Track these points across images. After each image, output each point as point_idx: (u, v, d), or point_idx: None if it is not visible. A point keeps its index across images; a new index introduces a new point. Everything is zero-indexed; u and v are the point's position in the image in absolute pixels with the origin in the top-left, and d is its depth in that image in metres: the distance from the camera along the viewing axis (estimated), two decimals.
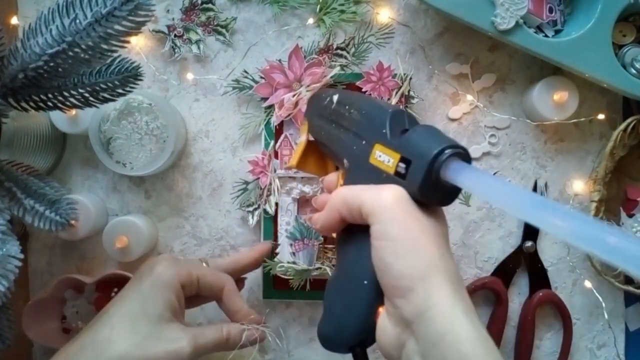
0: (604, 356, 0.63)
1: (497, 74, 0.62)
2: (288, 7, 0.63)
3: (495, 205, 0.61)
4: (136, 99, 0.57)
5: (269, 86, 0.61)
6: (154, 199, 0.64)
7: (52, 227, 0.49)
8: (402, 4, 0.63)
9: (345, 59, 0.62)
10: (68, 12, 0.41)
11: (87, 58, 0.42)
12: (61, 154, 0.64)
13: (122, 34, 0.42)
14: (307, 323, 0.64)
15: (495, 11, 0.56)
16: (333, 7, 0.62)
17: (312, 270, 0.59)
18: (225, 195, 0.64)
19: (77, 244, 0.64)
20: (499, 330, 0.62)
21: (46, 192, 0.51)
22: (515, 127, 0.63)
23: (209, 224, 0.64)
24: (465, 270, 0.63)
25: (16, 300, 0.61)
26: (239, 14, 0.63)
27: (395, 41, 0.63)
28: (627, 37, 0.59)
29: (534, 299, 0.61)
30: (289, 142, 0.61)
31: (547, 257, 0.63)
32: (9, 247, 0.42)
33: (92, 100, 0.48)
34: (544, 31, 0.60)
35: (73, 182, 0.64)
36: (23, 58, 0.42)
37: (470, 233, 0.63)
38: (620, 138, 0.59)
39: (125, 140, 0.58)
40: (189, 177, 0.64)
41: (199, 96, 0.64)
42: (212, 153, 0.64)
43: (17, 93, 0.45)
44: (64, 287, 0.61)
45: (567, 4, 0.60)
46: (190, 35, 0.63)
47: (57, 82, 0.45)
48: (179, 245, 0.64)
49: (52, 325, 0.61)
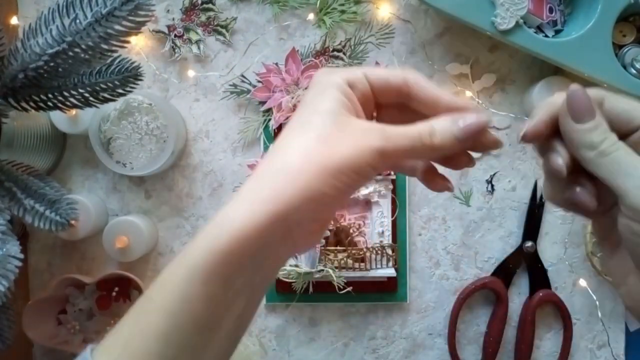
0: (604, 356, 0.63)
1: (497, 74, 0.62)
2: (288, 7, 0.63)
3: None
4: (136, 99, 0.57)
5: (267, 90, 0.61)
6: (154, 199, 0.64)
7: (52, 227, 0.49)
8: (402, 4, 0.63)
9: (342, 60, 0.62)
10: (68, 12, 0.41)
11: (87, 58, 0.42)
12: (61, 154, 0.64)
13: (122, 34, 0.42)
14: (307, 323, 0.64)
15: (495, 11, 0.56)
16: (333, 7, 0.62)
17: (315, 272, 0.59)
18: (225, 195, 0.64)
19: (77, 244, 0.64)
20: (499, 330, 0.62)
21: (46, 192, 0.51)
22: (515, 127, 0.63)
23: None
24: (465, 270, 0.63)
25: (16, 300, 0.61)
26: (239, 14, 0.63)
27: (395, 41, 0.63)
28: (627, 37, 0.59)
29: (534, 299, 0.61)
30: None
31: (547, 257, 0.63)
32: (9, 247, 0.43)
33: (92, 100, 0.48)
34: (544, 31, 0.60)
35: (73, 182, 0.64)
36: (23, 58, 0.42)
37: (470, 233, 0.63)
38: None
39: (125, 140, 0.58)
40: (189, 177, 0.64)
41: (199, 96, 0.64)
42: (212, 153, 0.64)
43: (17, 93, 0.45)
44: (64, 287, 0.62)
45: (567, 4, 0.60)
46: (190, 35, 0.63)
47: (57, 82, 0.45)
48: (179, 245, 0.64)
49: (52, 325, 0.61)
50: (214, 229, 0.27)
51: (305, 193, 0.27)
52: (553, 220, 0.63)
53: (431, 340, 0.64)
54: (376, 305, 0.63)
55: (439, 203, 0.63)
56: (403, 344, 0.64)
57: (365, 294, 0.61)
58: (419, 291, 0.63)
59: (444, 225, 0.63)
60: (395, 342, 0.64)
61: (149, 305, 0.28)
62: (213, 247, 0.27)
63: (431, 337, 0.64)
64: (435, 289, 0.63)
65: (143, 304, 0.28)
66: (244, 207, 0.27)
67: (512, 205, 0.63)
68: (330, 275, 0.58)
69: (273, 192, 0.27)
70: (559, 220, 0.63)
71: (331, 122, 0.29)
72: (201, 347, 0.27)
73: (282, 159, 0.28)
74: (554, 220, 0.63)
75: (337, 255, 0.59)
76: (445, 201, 0.63)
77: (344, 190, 0.28)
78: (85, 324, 0.61)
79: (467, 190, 0.63)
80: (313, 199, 0.27)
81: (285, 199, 0.27)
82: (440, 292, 0.63)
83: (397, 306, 0.63)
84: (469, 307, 0.64)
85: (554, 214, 0.63)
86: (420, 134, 0.29)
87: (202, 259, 0.27)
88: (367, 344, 0.64)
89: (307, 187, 0.27)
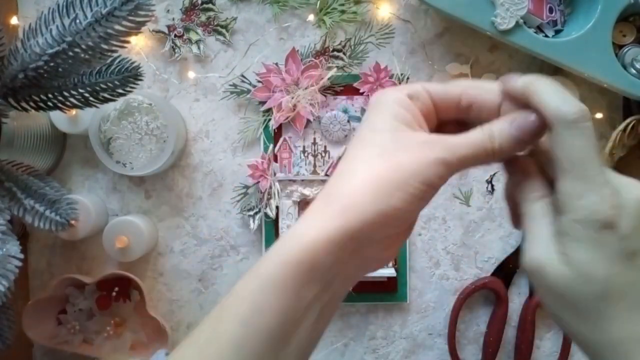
0: None
1: (497, 74, 0.62)
2: (288, 7, 0.63)
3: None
4: (136, 99, 0.57)
5: (267, 90, 0.61)
6: (154, 199, 0.64)
7: (52, 227, 0.49)
8: (402, 4, 0.63)
9: (342, 60, 0.62)
10: (68, 12, 0.41)
11: (87, 58, 0.42)
12: (61, 154, 0.64)
13: (122, 34, 0.42)
14: None
15: (495, 11, 0.56)
16: (333, 7, 0.62)
17: None
18: (225, 195, 0.64)
19: (77, 244, 0.64)
20: (499, 330, 0.62)
21: (46, 192, 0.51)
22: None
23: (209, 224, 0.64)
24: (465, 270, 0.63)
25: (16, 300, 0.61)
26: (239, 14, 0.63)
27: (395, 41, 0.63)
28: (627, 37, 0.59)
29: (534, 299, 0.61)
30: (287, 145, 0.61)
31: None
32: (9, 247, 0.43)
33: (92, 100, 0.48)
34: (544, 31, 0.60)
35: (73, 182, 0.64)
36: (23, 58, 0.42)
37: (470, 233, 0.63)
38: (620, 138, 0.59)
39: (125, 140, 0.58)
40: (189, 177, 0.64)
41: (199, 96, 0.64)
42: (212, 153, 0.64)
43: (17, 93, 0.45)
44: (64, 287, 0.62)
45: (567, 4, 0.60)
46: (190, 35, 0.63)
47: (57, 82, 0.45)
48: (179, 245, 0.64)
49: (52, 325, 0.61)
50: (286, 243, 0.28)
51: (374, 207, 0.27)
52: None
53: (431, 340, 0.64)
54: (376, 305, 0.63)
55: (439, 203, 0.63)
56: (403, 344, 0.64)
57: (365, 294, 0.61)
58: (419, 291, 0.63)
59: (444, 225, 0.63)
60: (395, 342, 0.64)
61: (224, 314, 0.28)
62: (285, 259, 0.28)
63: (431, 337, 0.64)
64: (435, 289, 0.63)
65: (219, 313, 0.29)
66: (314, 223, 0.28)
67: None
68: None
69: (342, 207, 0.28)
70: None
71: (391, 137, 0.29)
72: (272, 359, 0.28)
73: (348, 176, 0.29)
74: None
75: None
76: (445, 201, 0.63)
77: (413, 202, 0.28)
78: (85, 324, 0.61)
79: (467, 190, 0.63)
80: (382, 213, 0.27)
81: (356, 214, 0.27)
82: (440, 292, 0.63)
83: (397, 306, 0.63)
84: (469, 307, 0.64)
85: None
86: (481, 140, 0.29)
87: (274, 270, 0.28)
88: (367, 344, 0.64)
89: (375, 201, 0.27)
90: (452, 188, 0.63)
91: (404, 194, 0.27)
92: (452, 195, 0.63)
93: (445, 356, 0.63)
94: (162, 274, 0.64)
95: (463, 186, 0.63)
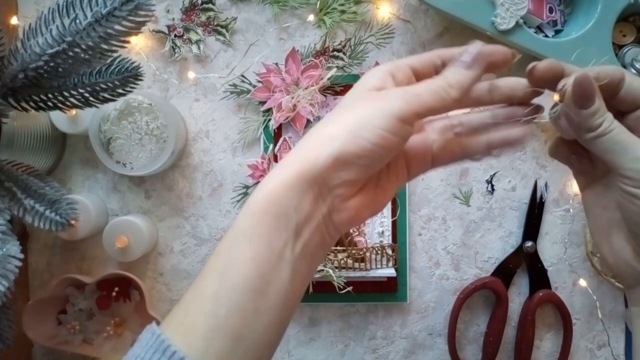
0: (604, 356, 0.63)
1: (497, 74, 0.62)
2: (288, 7, 0.63)
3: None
4: (136, 99, 0.57)
5: (267, 90, 0.61)
6: (154, 199, 0.64)
7: (52, 227, 0.49)
8: (402, 4, 0.63)
9: (342, 60, 0.62)
10: (68, 12, 0.41)
11: (87, 58, 0.42)
12: (61, 154, 0.64)
13: (122, 34, 0.42)
14: (307, 323, 0.64)
15: (495, 11, 0.56)
16: (333, 7, 0.62)
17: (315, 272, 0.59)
18: (225, 195, 0.64)
19: (77, 244, 0.64)
20: (499, 330, 0.62)
21: (46, 192, 0.51)
22: None
23: (209, 224, 0.64)
24: (465, 270, 0.63)
25: (16, 300, 0.61)
26: (239, 14, 0.63)
27: (395, 41, 0.63)
28: (627, 37, 0.59)
29: (534, 299, 0.61)
30: (288, 145, 0.61)
31: (547, 257, 0.63)
32: (9, 247, 0.42)
33: (92, 100, 0.48)
34: (544, 31, 0.60)
35: (73, 182, 0.64)
36: (23, 58, 0.42)
37: (470, 233, 0.63)
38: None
39: (125, 140, 0.58)
40: (189, 177, 0.64)
41: (199, 96, 0.64)
42: (212, 153, 0.64)
43: (17, 93, 0.45)
44: (64, 287, 0.62)
45: (567, 4, 0.60)
46: (190, 35, 0.63)
47: (57, 82, 0.45)
48: (179, 245, 0.64)
49: (52, 325, 0.61)
50: (253, 196, 0.30)
51: (326, 152, 0.29)
52: (553, 220, 0.63)
53: (431, 340, 0.64)
54: (376, 305, 0.63)
55: (439, 203, 0.63)
56: (403, 344, 0.64)
57: (365, 294, 0.61)
58: (419, 291, 0.63)
59: (444, 225, 0.63)
60: (395, 342, 0.64)
61: (205, 271, 0.30)
62: (252, 210, 0.30)
63: (431, 337, 0.64)
64: (435, 289, 0.63)
65: (201, 272, 0.31)
66: (276, 171, 0.30)
67: (512, 205, 0.63)
68: (330, 275, 0.58)
69: (300, 156, 0.30)
70: (558, 220, 0.63)
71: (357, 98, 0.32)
72: (250, 311, 0.29)
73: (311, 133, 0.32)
74: (553, 220, 0.63)
75: (337, 255, 0.60)
76: (445, 201, 0.63)
77: (370, 148, 0.29)
78: (85, 324, 0.61)
79: (467, 190, 0.63)
80: (333, 156, 0.29)
81: (310, 159, 0.30)
82: (440, 292, 0.63)
83: (397, 306, 0.63)
84: (469, 307, 0.64)
85: (553, 214, 0.63)
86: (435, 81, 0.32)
87: (244, 221, 0.30)
88: (367, 344, 0.64)
89: (330, 147, 0.29)
90: (452, 188, 0.63)
91: (356, 138, 0.29)
92: (452, 195, 0.63)
93: (445, 356, 0.63)
94: (162, 274, 0.64)
95: (463, 186, 0.63)
